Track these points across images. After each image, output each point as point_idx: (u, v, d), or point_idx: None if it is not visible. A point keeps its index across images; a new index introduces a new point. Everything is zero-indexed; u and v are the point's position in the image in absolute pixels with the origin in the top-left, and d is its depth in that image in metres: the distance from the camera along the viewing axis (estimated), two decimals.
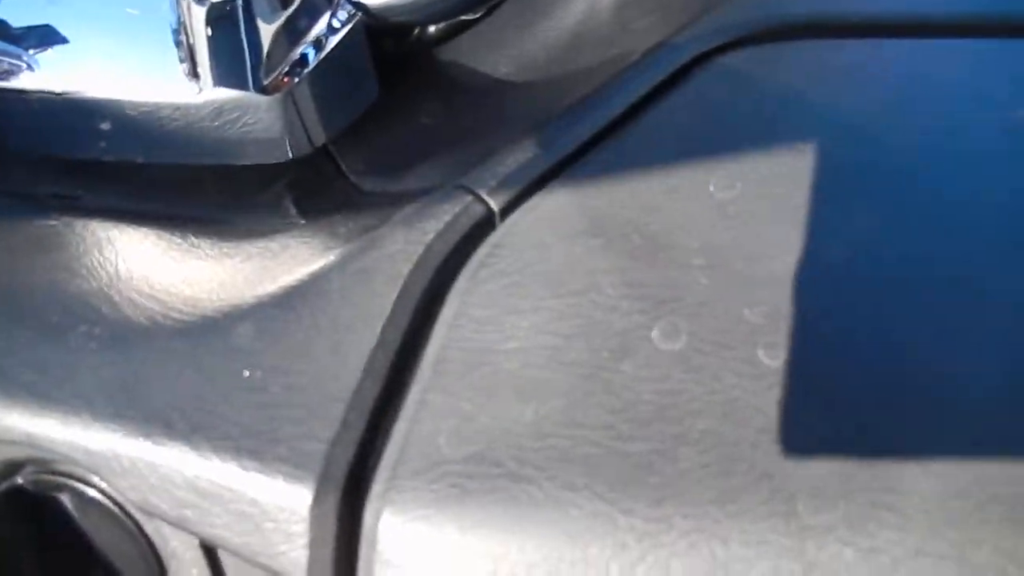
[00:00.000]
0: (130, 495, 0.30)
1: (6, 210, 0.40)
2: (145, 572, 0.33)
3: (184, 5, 0.36)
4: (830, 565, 0.26)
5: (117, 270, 0.37)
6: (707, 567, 0.27)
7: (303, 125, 0.39)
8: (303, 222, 0.38)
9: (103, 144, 0.39)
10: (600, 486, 0.28)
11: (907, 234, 0.34)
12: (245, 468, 0.29)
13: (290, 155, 0.38)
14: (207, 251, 0.38)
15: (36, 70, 0.38)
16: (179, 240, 0.38)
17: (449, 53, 0.46)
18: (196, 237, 0.38)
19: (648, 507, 0.28)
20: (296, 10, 0.37)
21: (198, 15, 0.35)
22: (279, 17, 0.37)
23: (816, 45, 0.42)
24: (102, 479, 0.31)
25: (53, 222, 0.39)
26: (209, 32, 0.36)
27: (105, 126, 0.38)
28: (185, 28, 0.36)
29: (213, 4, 0.35)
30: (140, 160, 0.40)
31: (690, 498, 0.28)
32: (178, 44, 0.36)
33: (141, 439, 0.30)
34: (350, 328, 0.33)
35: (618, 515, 0.28)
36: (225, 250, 0.38)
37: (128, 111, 0.37)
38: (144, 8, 0.37)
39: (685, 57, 0.42)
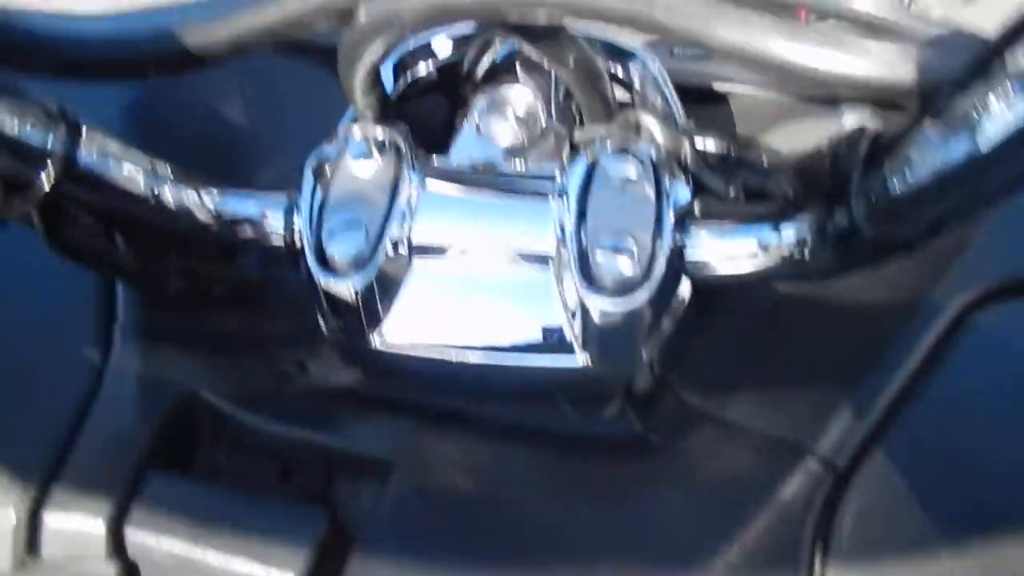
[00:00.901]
0: None
1: None
2: None
3: (593, 309, 0.49)
4: None
5: None
6: None
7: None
8: (646, 433, 0.52)
9: None
10: None
11: None
12: None
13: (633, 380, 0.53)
14: (584, 460, 0.52)
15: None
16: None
17: None
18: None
19: None
20: (657, 308, 0.49)
21: (597, 315, 0.49)
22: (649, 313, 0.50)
23: None
24: None
25: None
26: (602, 327, 0.50)
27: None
28: (579, 317, 0.50)
29: (609, 312, 0.49)
30: None
31: None
32: (572, 324, 0.50)
33: None
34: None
35: None
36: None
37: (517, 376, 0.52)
38: (536, 292, 0.51)
39: (956, 311, 0.51)
